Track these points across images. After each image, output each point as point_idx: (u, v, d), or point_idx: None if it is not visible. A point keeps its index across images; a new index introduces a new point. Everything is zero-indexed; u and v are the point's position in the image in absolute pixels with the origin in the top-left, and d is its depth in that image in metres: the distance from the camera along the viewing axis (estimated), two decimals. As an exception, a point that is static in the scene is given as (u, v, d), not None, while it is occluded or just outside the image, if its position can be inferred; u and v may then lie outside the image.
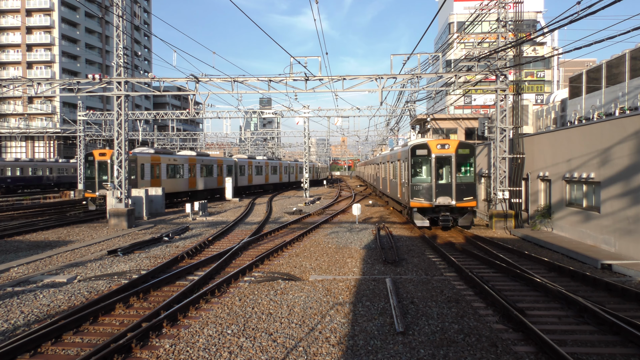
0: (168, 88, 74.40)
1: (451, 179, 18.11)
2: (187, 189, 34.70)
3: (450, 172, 18.20)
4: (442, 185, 18.17)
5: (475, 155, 18.60)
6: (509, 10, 22.16)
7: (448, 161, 18.27)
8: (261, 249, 15.43)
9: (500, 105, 20.86)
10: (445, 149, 18.26)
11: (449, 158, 18.19)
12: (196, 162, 36.25)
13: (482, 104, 58.20)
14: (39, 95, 27.17)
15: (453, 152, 18.17)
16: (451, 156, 18.16)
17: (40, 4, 74.19)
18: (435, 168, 18.20)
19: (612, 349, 7.04)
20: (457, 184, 18.06)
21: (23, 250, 15.41)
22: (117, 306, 9.02)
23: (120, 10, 21.13)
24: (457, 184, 18.05)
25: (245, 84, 21.32)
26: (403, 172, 20.19)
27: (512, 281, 11.09)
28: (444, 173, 18.67)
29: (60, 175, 54.90)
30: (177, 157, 33.69)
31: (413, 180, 18.58)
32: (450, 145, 18.29)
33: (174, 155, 33.65)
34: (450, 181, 18.15)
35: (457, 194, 17.96)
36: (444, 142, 18.45)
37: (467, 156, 18.37)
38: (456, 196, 17.95)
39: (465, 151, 18.30)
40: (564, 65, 69.87)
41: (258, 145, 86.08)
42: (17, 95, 63.16)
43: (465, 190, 18.05)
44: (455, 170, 18.08)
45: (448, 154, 18.20)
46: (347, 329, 7.82)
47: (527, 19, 51.61)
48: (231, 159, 44.18)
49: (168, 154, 33.17)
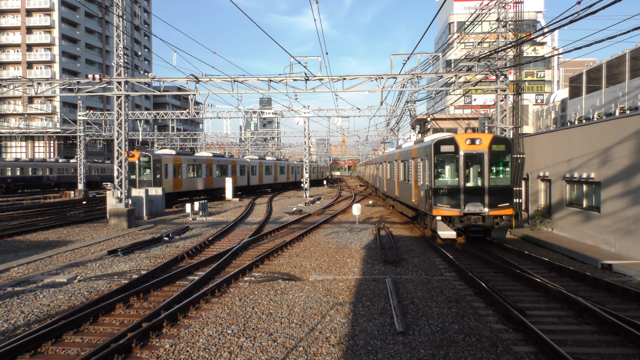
0: (168, 88, 74.40)
1: (483, 182, 15.14)
2: (204, 187, 37.34)
3: (482, 172, 15.23)
4: (472, 189, 15.23)
5: (512, 153, 15.42)
6: (509, 10, 22.16)
7: (479, 159, 15.27)
8: (261, 249, 15.43)
9: (500, 105, 20.86)
10: (476, 144, 15.20)
11: (481, 156, 15.19)
12: (213, 163, 38.64)
13: (482, 104, 58.22)
14: (39, 95, 27.22)
15: (486, 148, 15.15)
16: (483, 154, 15.16)
17: (40, 4, 74.22)
18: (464, 168, 15.27)
19: (613, 349, 7.04)
20: (491, 187, 15.08)
21: (23, 250, 15.41)
22: (117, 306, 9.02)
23: (121, 10, 21.13)
24: (490, 187, 15.07)
25: (246, 84, 21.33)
26: (421, 172, 17.00)
27: (512, 281, 11.09)
28: (475, 174, 15.63)
29: (60, 175, 54.92)
30: (196, 157, 36.11)
31: (436, 183, 15.44)
32: (482, 140, 15.23)
33: (193, 156, 36.02)
34: (482, 184, 15.19)
35: (490, 199, 15.03)
36: (474, 137, 15.31)
37: (502, 153, 15.37)
38: (489, 202, 15.02)
39: (500, 147, 15.28)
40: (564, 65, 69.87)
41: (258, 145, 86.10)
42: (17, 95, 63.19)
43: (500, 195, 15.08)
44: (488, 170, 15.16)
45: (479, 150, 15.17)
46: (347, 329, 7.82)
47: (527, 19, 51.62)
48: (244, 159, 46.63)
49: (188, 155, 35.45)
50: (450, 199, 15.24)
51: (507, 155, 15.47)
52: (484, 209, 15.04)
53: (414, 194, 18.75)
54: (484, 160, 15.20)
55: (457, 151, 15.32)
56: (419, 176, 17.47)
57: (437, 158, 15.66)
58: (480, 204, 15.08)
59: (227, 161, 41.77)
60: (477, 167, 15.55)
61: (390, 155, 27.08)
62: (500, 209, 15.08)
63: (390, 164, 26.34)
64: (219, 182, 39.56)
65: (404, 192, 21.62)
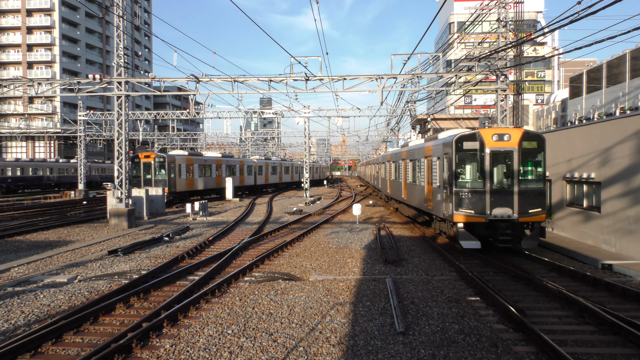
0: (168, 88, 74.43)
1: (512, 183, 13.20)
2: (214, 186, 38.83)
3: (511, 173, 13.29)
4: (499, 192, 13.26)
5: (545, 150, 13.56)
6: (509, 10, 22.16)
7: (508, 158, 13.38)
8: (261, 249, 15.44)
9: (500, 105, 20.85)
10: (505, 141, 13.33)
11: (510, 154, 13.29)
12: (222, 163, 40.22)
13: (483, 104, 58.24)
14: (40, 95, 27.24)
15: (515, 145, 13.27)
16: (513, 151, 13.25)
17: (40, 4, 74.27)
18: (490, 167, 13.32)
19: (613, 349, 7.04)
20: (521, 190, 13.16)
21: (23, 250, 15.42)
22: (118, 306, 9.02)
23: (121, 10, 21.14)
24: (520, 190, 13.16)
25: (246, 84, 21.33)
26: (437, 173, 15.20)
27: (512, 281, 11.09)
28: (502, 175, 13.61)
29: (60, 175, 54.94)
30: (206, 158, 37.63)
31: (458, 185, 13.50)
32: (512, 135, 13.34)
33: (204, 157, 37.55)
34: (510, 186, 13.23)
35: (520, 204, 13.11)
36: (502, 132, 13.44)
37: (534, 151, 13.46)
38: (519, 207, 13.09)
39: (531, 144, 13.43)
40: (565, 65, 69.85)
41: (258, 145, 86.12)
42: (18, 95, 63.21)
43: (531, 199, 13.19)
44: (518, 170, 13.25)
45: (508, 147, 13.29)
46: (347, 329, 7.82)
47: (527, 19, 51.62)
48: (251, 159, 48.14)
49: (199, 156, 37.00)
50: (474, 203, 13.32)
51: (540, 153, 13.53)
52: (513, 215, 13.07)
53: (426, 197, 16.88)
54: (514, 159, 13.28)
55: (483, 148, 13.36)
56: (434, 177, 15.67)
57: (459, 156, 13.67)
58: (509, 209, 13.11)
59: (235, 161, 43.01)
60: (505, 167, 13.62)
61: (395, 154, 24.95)
62: (531, 215, 13.14)
63: (395, 164, 24.47)
64: None
65: (413, 195, 19.63)
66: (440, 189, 14.86)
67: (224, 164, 40.42)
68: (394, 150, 26.18)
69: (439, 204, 15.03)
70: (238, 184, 43.64)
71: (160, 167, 31.50)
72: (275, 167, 54.14)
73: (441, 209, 14.72)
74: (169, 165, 31.49)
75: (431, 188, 16.16)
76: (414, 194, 19.39)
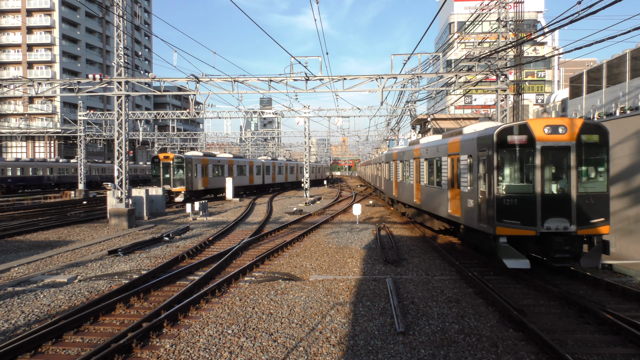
0: (168, 88, 74.43)
1: (569, 187, 10.74)
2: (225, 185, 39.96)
3: (568, 174, 10.80)
4: (553, 198, 10.79)
5: (609, 145, 11.16)
6: (510, 10, 22.17)
7: (564, 155, 10.89)
8: (261, 249, 15.44)
9: (500, 105, 20.86)
10: (560, 134, 10.83)
11: (566, 150, 10.81)
12: (234, 163, 42.26)
13: (483, 104, 58.23)
14: (40, 95, 27.26)
15: (573, 139, 10.80)
16: (570, 147, 10.77)
17: (40, 4, 74.28)
18: (542, 167, 10.81)
19: (613, 349, 7.04)
20: (580, 195, 10.72)
21: (24, 250, 15.42)
22: (118, 306, 9.02)
23: (121, 10, 21.14)
24: (579, 195, 10.71)
25: (246, 84, 21.34)
26: (468, 175, 12.74)
27: (512, 281, 11.09)
28: (556, 176, 11.09)
29: (60, 175, 54.94)
30: (219, 158, 39.57)
31: (500, 190, 10.99)
32: (568, 127, 10.87)
33: (217, 157, 39.54)
34: (567, 190, 10.77)
35: (579, 212, 10.67)
36: (556, 122, 10.95)
37: (595, 147, 10.94)
38: (578, 217, 10.63)
39: (592, 138, 10.91)
40: (565, 65, 69.86)
41: (258, 145, 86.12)
42: (18, 95, 63.21)
43: (593, 206, 10.74)
44: (578, 170, 10.80)
45: (564, 142, 10.80)
46: (347, 329, 7.83)
47: (527, 19, 51.62)
48: (259, 160, 50.34)
49: (212, 156, 38.99)
50: (521, 212, 10.82)
51: (603, 148, 10.97)
52: (570, 226, 10.60)
53: (450, 204, 14.43)
54: (571, 156, 10.81)
55: (532, 143, 10.86)
56: (462, 179, 13.16)
57: (501, 154, 11.10)
58: (566, 220, 10.66)
59: (245, 161, 45.13)
60: (560, 166, 11.09)
61: (404, 152, 22.14)
62: (593, 226, 10.65)
63: (404, 164, 22.02)
64: (237, 180, 42.75)
65: (430, 200, 17.00)
66: (473, 193, 12.33)
67: (235, 164, 42.43)
68: (401, 148, 23.27)
69: (470, 213, 12.53)
70: (247, 184, 45.50)
71: (178, 167, 33.56)
72: (282, 167, 56.37)
73: (474, 219, 12.19)
74: (187, 166, 33.58)
75: (458, 192, 13.58)
76: (431, 198, 16.78)
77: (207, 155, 38.50)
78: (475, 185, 12.19)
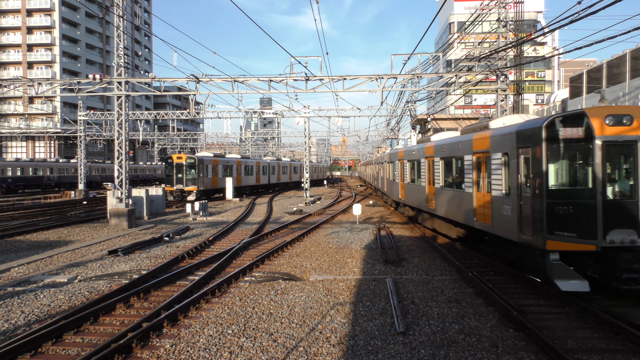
0: (168, 88, 74.45)
1: (637, 191, 8.92)
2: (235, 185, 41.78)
3: (636, 175, 8.96)
4: (617, 206, 8.93)
5: None
6: (510, 10, 22.18)
7: (630, 152, 9.03)
8: (261, 249, 15.44)
9: (500, 106, 20.86)
10: (625, 125, 8.94)
11: (632, 145, 8.97)
12: (241, 164, 43.90)
13: (483, 104, 58.25)
14: (40, 96, 27.28)
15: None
16: (636, 141, 8.94)
17: (40, 4, 74.32)
18: (603, 167, 8.92)
19: (613, 349, 7.04)
20: None
21: (24, 250, 15.42)
22: (118, 306, 9.02)
23: (121, 10, 21.15)
24: None
25: (246, 84, 21.35)
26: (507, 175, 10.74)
27: (512, 281, 11.08)
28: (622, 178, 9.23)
29: (60, 175, 54.94)
30: (228, 159, 41.55)
31: (550, 194, 9.08)
32: (635, 117, 8.96)
33: (227, 158, 41.47)
34: (634, 195, 8.93)
35: None
36: (619, 111, 9.07)
37: None
38: None
39: None
40: (565, 65, 69.85)
41: (258, 145, 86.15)
42: (18, 95, 63.25)
43: None
44: None
45: (631, 136, 8.94)
46: (347, 329, 7.83)
47: (527, 19, 51.63)
48: (265, 160, 52.62)
49: (222, 157, 41.00)
50: (578, 222, 8.88)
51: None
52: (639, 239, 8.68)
53: (477, 210, 12.48)
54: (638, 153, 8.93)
55: (591, 137, 8.95)
56: (495, 182, 11.26)
57: (551, 150, 9.17)
58: (633, 231, 8.71)
59: (252, 162, 47.30)
60: (626, 166, 9.22)
61: (414, 150, 19.80)
62: None
63: (412, 164, 20.10)
64: (245, 180, 45.03)
65: (448, 205, 15.10)
66: (510, 199, 10.43)
67: (242, 164, 44.20)
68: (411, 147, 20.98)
69: (506, 221, 10.67)
70: (254, 183, 47.56)
71: (190, 168, 35.11)
72: (286, 167, 58.70)
73: (512, 229, 10.29)
74: (198, 166, 35.15)
75: (487, 197, 11.77)
76: (449, 203, 14.97)
77: (217, 156, 40.14)
78: (514, 188, 10.20)
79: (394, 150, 26.66)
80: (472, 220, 12.76)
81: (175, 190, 36.22)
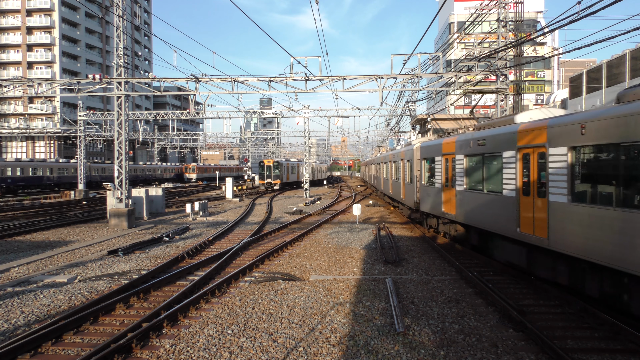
0: (168, 88, 74.42)
1: None
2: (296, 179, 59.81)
3: None
4: None
5: None
6: (509, 11, 22.17)
7: None
8: (261, 249, 15.44)
9: (500, 106, 20.85)
10: None
11: None
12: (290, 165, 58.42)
13: (483, 104, 58.21)
14: (40, 96, 27.28)
15: None
16: None
17: (40, 4, 74.29)
18: None
19: (613, 349, 7.04)
20: None
21: (23, 251, 15.42)
22: (118, 306, 9.02)
23: (121, 11, 21.14)
24: None
25: (246, 84, 21.34)
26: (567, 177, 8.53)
27: (512, 281, 11.08)
28: None
29: (60, 175, 54.92)
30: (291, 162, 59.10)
31: None
32: None
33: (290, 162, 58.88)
34: None
35: None
36: None
37: None
38: None
39: None
40: (564, 65, 69.85)
41: (258, 145, 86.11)
42: (18, 95, 63.21)
43: None
44: None
45: None
46: (347, 329, 7.83)
47: (527, 19, 51.64)
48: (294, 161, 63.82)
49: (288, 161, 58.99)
50: None
51: None
52: None
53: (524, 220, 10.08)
54: None
55: None
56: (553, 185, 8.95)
57: None
58: None
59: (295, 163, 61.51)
60: None
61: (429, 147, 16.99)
62: None
63: (424, 162, 17.62)
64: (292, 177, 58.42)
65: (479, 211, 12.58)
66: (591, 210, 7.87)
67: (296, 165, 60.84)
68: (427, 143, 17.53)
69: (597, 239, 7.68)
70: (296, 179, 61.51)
71: (275, 168, 52.21)
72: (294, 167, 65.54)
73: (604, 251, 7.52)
74: (280, 167, 52.48)
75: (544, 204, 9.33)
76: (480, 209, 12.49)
77: (287, 160, 60.01)
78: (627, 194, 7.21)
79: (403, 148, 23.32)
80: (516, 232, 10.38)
81: (266, 183, 52.38)
